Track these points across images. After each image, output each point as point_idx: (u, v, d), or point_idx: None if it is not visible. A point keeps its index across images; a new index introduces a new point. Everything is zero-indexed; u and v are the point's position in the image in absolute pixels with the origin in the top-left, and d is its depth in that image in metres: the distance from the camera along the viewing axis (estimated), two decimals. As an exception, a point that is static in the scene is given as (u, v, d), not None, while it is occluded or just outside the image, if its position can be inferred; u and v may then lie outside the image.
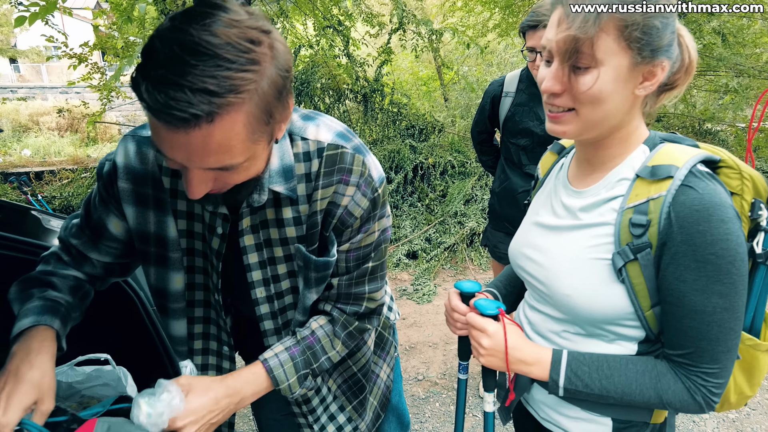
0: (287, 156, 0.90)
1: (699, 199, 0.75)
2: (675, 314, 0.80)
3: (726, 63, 5.50)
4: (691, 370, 0.81)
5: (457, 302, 1.05)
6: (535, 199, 1.08)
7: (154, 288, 1.03)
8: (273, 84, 0.72)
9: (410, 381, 2.95)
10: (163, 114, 0.65)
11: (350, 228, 0.95)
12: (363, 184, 0.92)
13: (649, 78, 0.80)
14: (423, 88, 8.83)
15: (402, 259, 4.66)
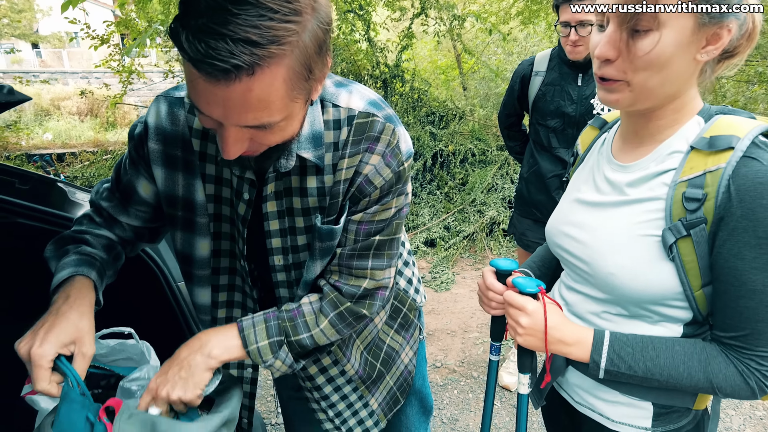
0: (317, 122, 0.87)
1: (763, 171, 0.71)
2: (730, 294, 0.76)
3: (760, 50, 5.31)
4: (744, 353, 0.77)
5: (493, 281, 1.02)
6: (576, 175, 1.03)
7: (180, 253, 1.02)
8: (314, 37, 0.69)
9: (428, 368, 2.92)
10: (204, 64, 0.62)
11: (368, 197, 0.90)
12: (389, 154, 0.89)
13: (713, 41, 0.75)
14: (442, 76, 8.73)
15: (420, 247, 4.63)
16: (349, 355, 1.12)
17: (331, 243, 0.94)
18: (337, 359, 1.11)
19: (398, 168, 0.90)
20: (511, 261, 1.02)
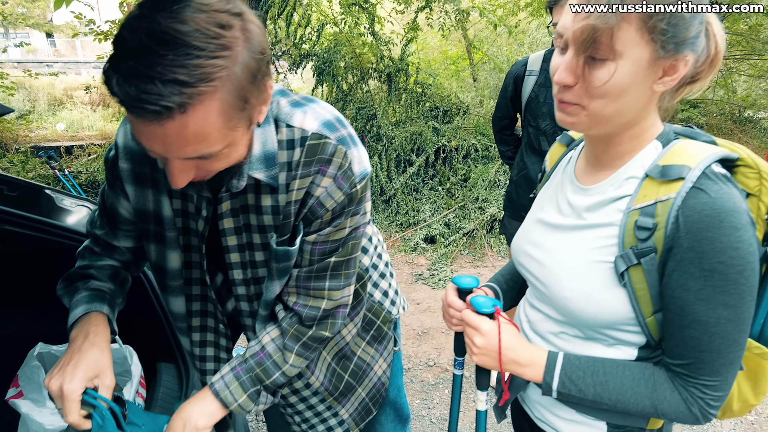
0: (270, 142, 0.88)
1: (710, 204, 0.70)
2: (676, 323, 0.76)
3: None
4: (689, 381, 0.78)
5: (454, 298, 1.03)
6: (542, 192, 1.04)
7: (155, 265, 1.06)
8: (247, 68, 0.70)
9: (421, 366, 2.95)
10: (135, 107, 0.64)
11: (320, 219, 0.92)
12: (341, 176, 0.89)
13: (670, 73, 0.74)
14: (452, 67, 8.66)
15: (420, 244, 4.64)
16: (314, 368, 1.14)
17: (288, 264, 0.96)
18: (301, 373, 1.13)
19: (350, 190, 0.91)
20: (473, 279, 1.03)
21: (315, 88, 5.63)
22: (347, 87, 5.54)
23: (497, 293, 1.11)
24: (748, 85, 6.78)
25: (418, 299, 3.77)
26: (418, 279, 4.12)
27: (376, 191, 5.19)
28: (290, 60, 5.44)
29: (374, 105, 5.60)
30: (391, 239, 4.83)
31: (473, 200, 5.00)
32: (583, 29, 0.69)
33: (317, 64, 5.31)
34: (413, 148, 5.36)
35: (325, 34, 5.71)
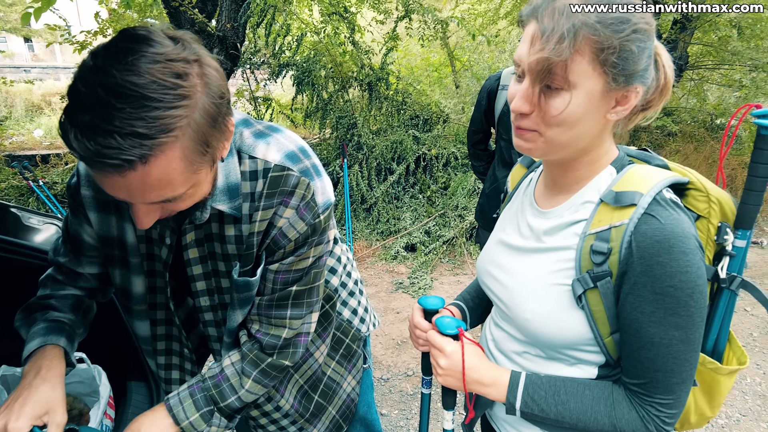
0: (233, 174, 0.89)
1: (661, 230, 0.73)
2: (632, 344, 0.79)
3: (741, 57, 5.34)
4: (645, 399, 0.80)
5: (420, 319, 1.04)
6: (504, 213, 1.06)
7: (120, 288, 1.05)
8: (206, 114, 0.71)
9: (399, 376, 2.96)
10: (96, 162, 0.64)
11: (283, 249, 0.92)
12: (303, 207, 0.90)
13: (622, 103, 0.77)
14: (435, 74, 8.72)
15: (400, 252, 4.65)
16: (283, 391, 1.15)
17: (249, 294, 0.96)
18: (270, 396, 1.13)
19: (313, 221, 0.91)
20: (439, 299, 1.04)
21: (295, 96, 5.63)
22: (327, 96, 5.55)
23: (464, 312, 1.13)
24: (719, 94, 6.96)
25: (397, 308, 3.79)
26: (398, 288, 4.13)
27: (357, 199, 5.20)
28: (270, 69, 5.43)
29: (355, 114, 5.61)
30: (372, 248, 4.84)
31: (453, 208, 5.04)
32: (538, 61, 0.72)
33: (297, 73, 5.31)
34: (394, 156, 5.39)
35: (305, 42, 5.71)
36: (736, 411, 2.63)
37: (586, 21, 0.70)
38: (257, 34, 5.28)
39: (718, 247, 0.86)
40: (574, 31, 0.70)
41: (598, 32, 0.70)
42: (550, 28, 0.71)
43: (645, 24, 0.74)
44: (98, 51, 0.67)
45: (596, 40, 0.70)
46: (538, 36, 0.72)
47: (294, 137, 0.96)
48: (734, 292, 0.88)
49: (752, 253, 4.81)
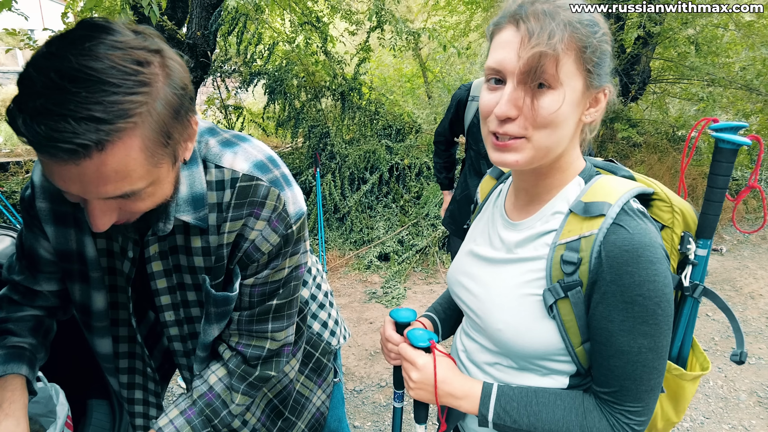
0: (198, 184, 0.86)
1: (629, 239, 0.74)
2: (602, 353, 0.80)
3: (698, 72, 5.57)
4: (615, 408, 0.81)
5: (391, 332, 1.03)
6: (474, 225, 1.06)
7: (79, 305, 1.00)
8: (168, 104, 0.68)
9: (372, 387, 2.93)
10: (47, 147, 0.60)
11: (256, 263, 0.90)
12: (275, 219, 0.88)
13: (594, 104, 0.80)
14: (407, 84, 8.79)
15: (373, 261, 4.64)
16: (251, 406, 1.12)
17: (227, 308, 0.94)
18: None
19: (286, 231, 0.89)
20: (411, 312, 1.03)
21: (267, 105, 5.58)
22: (300, 105, 5.52)
23: (435, 324, 1.12)
24: (680, 107, 7.24)
25: (371, 318, 3.76)
26: (371, 297, 4.11)
27: (330, 209, 5.18)
28: (241, 78, 5.38)
29: (327, 123, 5.60)
30: (345, 257, 4.81)
31: (426, 217, 5.06)
32: (531, 57, 0.71)
33: (269, 82, 5.27)
34: (367, 166, 5.39)
35: (277, 51, 5.68)
36: (700, 414, 2.70)
37: (570, 20, 0.73)
38: (228, 43, 5.23)
39: (681, 256, 0.89)
40: (562, 27, 0.72)
41: (579, 31, 0.73)
42: (538, 27, 0.72)
43: (607, 28, 0.77)
44: (53, 39, 0.64)
45: (579, 38, 0.73)
46: (526, 36, 0.72)
47: (262, 147, 0.94)
48: (697, 300, 0.91)
49: (712, 260, 4.99)
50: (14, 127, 0.62)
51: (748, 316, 3.83)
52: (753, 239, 5.58)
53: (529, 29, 0.72)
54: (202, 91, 6.93)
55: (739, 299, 4.11)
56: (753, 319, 3.78)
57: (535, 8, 0.73)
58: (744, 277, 4.55)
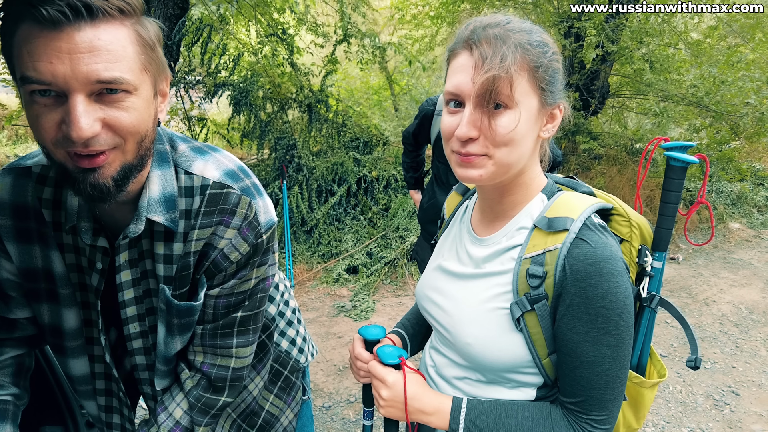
0: (170, 185, 0.84)
1: (592, 253, 0.77)
2: (568, 364, 0.81)
3: (653, 88, 5.83)
4: (581, 417, 0.82)
5: (360, 350, 1.02)
6: (441, 240, 1.07)
7: (49, 327, 0.95)
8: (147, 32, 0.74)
9: (342, 403, 2.89)
10: (51, 3, 0.62)
11: (224, 272, 0.88)
12: (245, 227, 0.86)
13: (550, 120, 0.83)
14: (375, 97, 8.84)
15: (342, 274, 4.61)
16: (215, 426, 1.08)
17: (190, 319, 0.91)
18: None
19: (256, 240, 0.88)
20: (380, 329, 1.02)
21: (232, 117, 5.50)
22: (266, 116, 5.47)
23: (404, 339, 1.12)
24: (638, 121, 7.56)
25: (339, 332, 3.72)
26: (340, 311, 4.07)
27: (297, 221, 5.12)
28: (205, 89, 5.29)
29: (294, 135, 5.57)
30: (313, 271, 4.76)
31: (394, 229, 5.07)
32: (486, 80, 0.74)
33: (234, 93, 5.21)
34: (335, 178, 5.38)
35: (242, 62, 5.63)
36: (661, 419, 2.78)
37: (520, 42, 0.76)
38: (192, 53, 5.14)
39: (639, 268, 0.92)
40: (513, 51, 0.75)
41: (530, 52, 0.76)
42: (490, 51, 0.75)
43: (556, 48, 0.81)
44: None
45: (530, 59, 0.76)
46: (480, 61, 0.75)
47: (233, 157, 0.93)
48: (654, 310, 0.95)
49: (670, 269, 5.18)
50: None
51: (703, 322, 3.98)
52: (707, 248, 5.83)
53: (482, 54, 0.75)
54: (165, 101, 6.73)
55: (695, 306, 4.28)
56: (708, 324, 3.94)
57: (487, 33, 0.77)
58: (699, 285, 4.75)
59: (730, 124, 5.74)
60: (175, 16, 4.10)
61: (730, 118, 5.61)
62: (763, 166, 7.89)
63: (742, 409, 2.87)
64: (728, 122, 5.71)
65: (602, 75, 6.24)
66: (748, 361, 3.40)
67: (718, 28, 6.18)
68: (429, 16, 7.32)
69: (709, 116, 5.98)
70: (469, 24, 0.81)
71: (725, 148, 6.20)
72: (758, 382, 3.14)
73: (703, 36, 6.26)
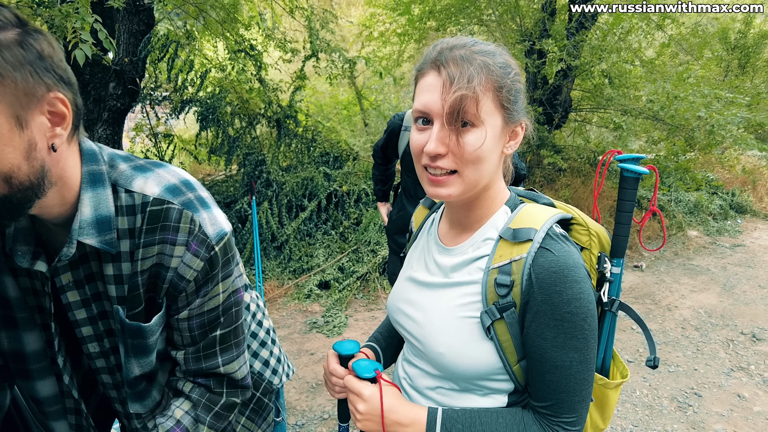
0: (104, 206, 0.83)
1: (555, 261, 0.80)
2: (538, 369, 0.84)
3: (613, 102, 6.07)
4: (553, 420, 0.85)
5: (336, 366, 1.02)
6: (410, 253, 1.09)
7: (10, 353, 0.92)
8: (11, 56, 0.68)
9: (315, 421, 2.85)
10: None
11: (184, 293, 0.87)
12: (193, 242, 0.85)
13: (513, 137, 0.87)
14: (344, 112, 8.88)
15: (314, 290, 4.57)
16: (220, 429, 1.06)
17: (143, 341, 0.89)
18: None
19: (209, 254, 0.86)
20: (354, 344, 1.02)
21: (199, 132, 5.44)
22: (234, 132, 5.43)
23: (377, 353, 1.12)
24: (599, 134, 7.82)
25: (312, 349, 3.68)
26: (312, 327, 4.03)
27: (267, 237, 5.07)
28: (172, 105, 5.22)
29: (263, 150, 5.53)
30: (284, 287, 4.71)
31: (366, 243, 5.08)
32: (454, 99, 0.77)
33: (201, 109, 5.15)
34: (305, 193, 5.36)
35: (209, 78, 5.58)
36: (629, 423, 2.85)
37: (485, 63, 0.79)
38: (158, 69, 5.08)
39: (598, 275, 0.97)
40: (479, 72, 0.78)
41: (495, 73, 0.80)
42: (458, 72, 0.78)
43: (518, 69, 0.85)
44: None
45: (495, 80, 0.80)
46: (448, 81, 0.78)
47: (178, 172, 0.91)
48: (614, 314, 0.99)
49: (634, 276, 5.34)
50: None
51: (666, 327, 4.11)
52: (668, 255, 6.05)
53: (449, 74, 0.79)
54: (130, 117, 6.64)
55: (659, 312, 4.42)
56: (671, 329, 4.07)
57: (454, 54, 0.80)
58: (662, 291, 4.91)
59: (685, 137, 6.01)
60: (140, 32, 4.05)
61: (684, 131, 5.88)
62: (716, 176, 8.28)
63: (705, 410, 2.97)
64: (683, 135, 5.98)
65: (564, 90, 6.46)
66: (708, 363, 3.52)
67: (669, 46, 6.50)
68: (396, 33, 7.44)
69: (665, 129, 6.25)
70: (436, 45, 0.85)
71: (681, 159, 6.49)
72: (718, 383, 3.26)
73: (656, 53, 6.57)
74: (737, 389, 3.19)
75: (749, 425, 2.81)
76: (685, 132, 5.87)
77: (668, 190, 7.03)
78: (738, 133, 5.17)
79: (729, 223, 7.31)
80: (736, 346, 3.76)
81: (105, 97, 3.97)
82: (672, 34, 6.20)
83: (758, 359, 3.56)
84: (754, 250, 6.26)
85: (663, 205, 6.88)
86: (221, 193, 5.47)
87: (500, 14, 6.36)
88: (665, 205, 6.90)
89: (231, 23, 5.33)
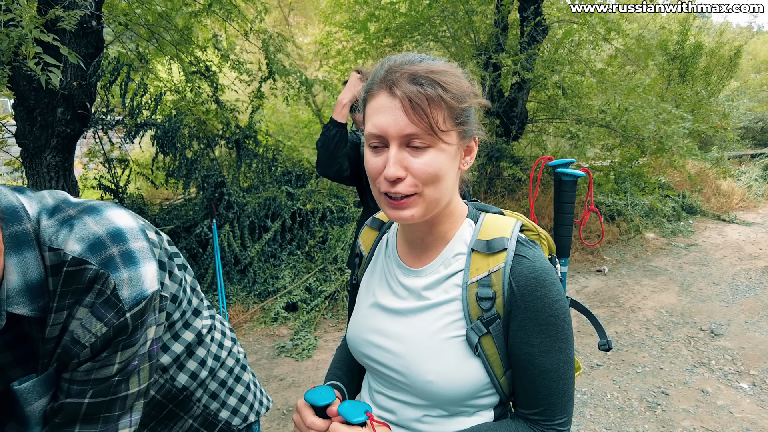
0: (32, 271, 0.73)
1: (532, 267, 0.81)
2: (527, 377, 0.83)
3: (567, 113, 6.28)
4: (547, 425, 0.84)
5: (314, 419, 0.88)
6: (366, 278, 1.02)
7: None
8: None
9: (287, 449, 2.75)
10: None
11: (76, 359, 0.75)
12: (100, 305, 0.74)
13: (468, 153, 0.87)
14: (305, 130, 8.83)
15: (281, 313, 4.46)
16: None
17: (19, 409, 0.76)
18: None
19: (117, 320, 0.75)
20: (328, 390, 0.90)
21: (156, 156, 5.28)
22: (192, 154, 5.29)
23: (342, 392, 1.03)
24: (556, 143, 8.06)
25: (281, 374, 3.57)
26: (280, 352, 3.91)
27: (230, 261, 4.93)
28: (126, 129, 5.06)
29: (223, 172, 5.41)
30: (249, 311, 4.57)
31: (332, 262, 5.01)
32: (406, 123, 0.76)
33: (157, 133, 5.01)
34: (268, 213, 5.26)
35: (165, 101, 5.45)
36: (602, 427, 2.87)
37: (437, 81, 0.77)
38: (111, 92, 4.92)
39: None
40: (433, 89, 0.76)
41: (448, 92, 0.78)
42: (412, 91, 0.76)
43: (467, 84, 0.84)
44: None
45: (448, 98, 0.78)
46: (401, 102, 0.76)
47: (112, 218, 0.79)
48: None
49: (597, 280, 5.47)
50: None
51: (631, 328, 4.21)
52: (628, 258, 6.23)
53: (404, 94, 0.76)
54: (82, 143, 6.41)
55: (623, 314, 4.52)
56: (636, 330, 4.17)
57: (404, 73, 0.78)
58: (625, 294, 5.04)
59: (637, 143, 6.27)
60: (89, 54, 3.91)
61: (635, 139, 6.14)
62: (667, 180, 8.65)
63: (672, 408, 3.03)
64: (635, 142, 6.23)
65: (520, 102, 6.63)
66: (672, 361, 3.61)
67: (617, 57, 6.79)
68: (354, 50, 7.49)
69: (618, 137, 6.50)
70: (383, 63, 0.82)
71: (635, 165, 6.75)
72: (683, 380, 3.34)
73: (605, 64, 6.85)
74: (701, 385, 3.28)
75: (714, 419, 2.89)
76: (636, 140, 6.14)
77: (624, 195, 7.29)
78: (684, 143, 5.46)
79: (682, 224, 7.63)
80: (697, 343, 3.88)
81: (53, 122, 3.80)
82: (618, 46, 6.49)
83: (718, 354, 3.68)
84: (706, 248, 6.54)
85: (621, 209, 7.12)
86: (180, 217, 5.30)
87: (455, 30, 6.51)
88: (623, 209, 7.13)
89: (185, 44, 5.24)
